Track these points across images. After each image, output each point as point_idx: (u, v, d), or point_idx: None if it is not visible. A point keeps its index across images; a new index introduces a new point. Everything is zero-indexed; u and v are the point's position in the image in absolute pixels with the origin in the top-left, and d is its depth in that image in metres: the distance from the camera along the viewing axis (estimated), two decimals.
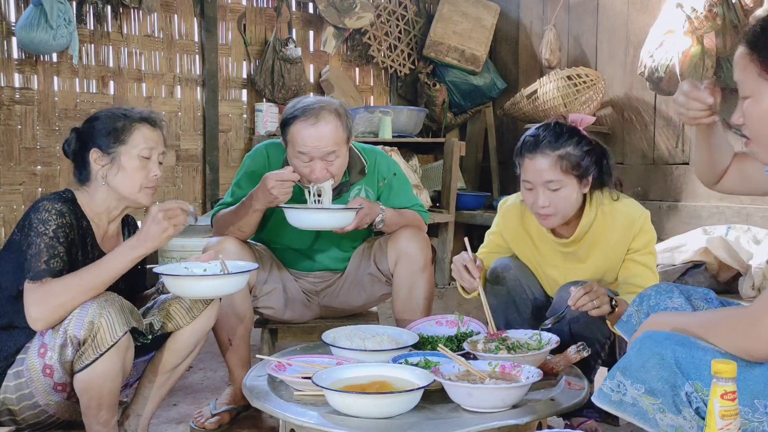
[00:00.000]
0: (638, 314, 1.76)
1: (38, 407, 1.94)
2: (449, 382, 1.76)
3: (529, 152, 2.18)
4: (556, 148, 2.15)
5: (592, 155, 2.20)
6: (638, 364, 1.45)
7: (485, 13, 5.31)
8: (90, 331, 1.84)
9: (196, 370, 3.06)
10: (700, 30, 3.71)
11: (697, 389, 1.38)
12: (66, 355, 1.87)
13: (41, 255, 1.89)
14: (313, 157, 2.40)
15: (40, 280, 1.87)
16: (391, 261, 2.54)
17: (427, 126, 5.33)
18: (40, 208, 1.94)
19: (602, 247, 2.26)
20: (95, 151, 2.05)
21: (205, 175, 4.70)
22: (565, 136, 2.18)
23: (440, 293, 4.46)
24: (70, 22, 3.88)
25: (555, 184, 2.15)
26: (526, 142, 2.21)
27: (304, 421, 1.69)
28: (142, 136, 2.07)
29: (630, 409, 1.46)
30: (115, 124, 2.06)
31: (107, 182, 2.05)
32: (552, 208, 2.17)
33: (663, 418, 1.42)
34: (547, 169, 2.14)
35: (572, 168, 2.15)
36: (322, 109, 2.42)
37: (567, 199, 2.17)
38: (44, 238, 1.90)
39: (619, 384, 1.47)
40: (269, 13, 4.97)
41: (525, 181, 2.21)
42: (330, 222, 2.39)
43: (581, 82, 4.46)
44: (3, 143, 4.04)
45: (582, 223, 2.24)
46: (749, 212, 3.92)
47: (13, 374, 1.92)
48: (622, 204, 2.27)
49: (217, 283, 2.07)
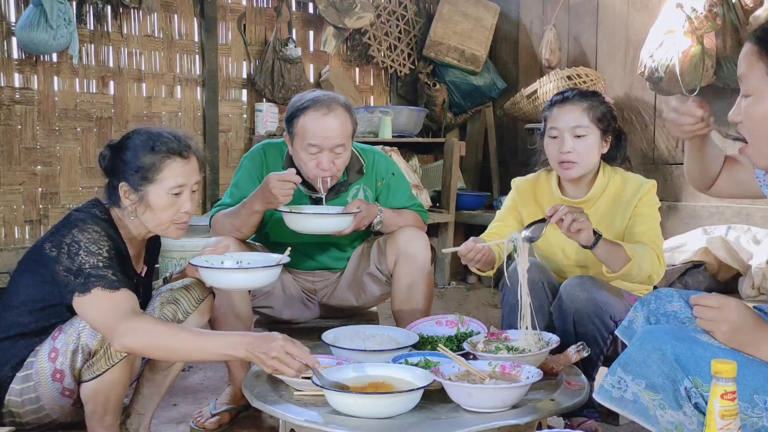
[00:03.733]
0: (639, 319, 1.76)
1: (43, 411, 1.93)
2: (449, 382, 1.76)
3: (559, 103, 2.35)
4: (586, 100, 2.33)
5: (614, 118, 2.38)
6: (639, 359, 1.44)
7: (485, 13, 5.31)
8: (102, 344, 1.85)
9: (196, 370, 3.06)
10: (700, 30, 3.71)
11: (696, 384, 1.38)
12: (76, 362, 1.87)
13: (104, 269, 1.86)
14: (322, 148, 2.41)
15: (117, 289, 1.85)
16: (391, 261, 2.54)
17: (427, 126, 5.33)
18: (86, 229, 1.90)
19: (614, 212, 2.34)
20: (124, 185, 1.98)
21: (205, 175, 4.68)
22: (592, 93, 2.39)
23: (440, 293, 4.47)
24: (70, 22, 3.88)
25: (581, 130, 2.30)
26: (556, 98, 2.38)
27: (304, 421, 1.69)
28: (171, 173, 1.98)
29: (630, 406, 1.45)
30: (143, 160, 1.96)
31: (137, 216, 2.01)
32: (575, 155, 2.29)
33: (663, 414, 1.41)
34: (576, 115, 2.31)
35: (598, 120, 2.32)
36: (332, 102, 2.44)
37: (589, 149, 2.31)
38: (100, 258, 1.87)
39: (620, 380, 1.46)
40: (269, 13, 4.97)
41: (552, 128, 2.34)
42: (328, 226, 2.40)
43: (581, 82, 4.46)
44: (3, 143, 4.04)
45: (596, 184, 2.37)
46: (749, 212, 3.92)
47: (21, 377, 1.91)
48: (631, 174, 2.42)
49: (261, 275, 2.10)
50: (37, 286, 1.93)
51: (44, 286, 1.92)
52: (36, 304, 1.93)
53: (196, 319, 2.12)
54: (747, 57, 1.48)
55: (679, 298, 1.71)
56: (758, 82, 1.45)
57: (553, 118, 2.34)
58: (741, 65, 1.50)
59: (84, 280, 1.84)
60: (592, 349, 2.11)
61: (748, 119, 1.49)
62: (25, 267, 1.98)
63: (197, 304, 2.11)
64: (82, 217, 1.95)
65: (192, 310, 2.10)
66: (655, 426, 1.44)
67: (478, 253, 2.24)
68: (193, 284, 2.14)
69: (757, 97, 1.46)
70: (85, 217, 1.95)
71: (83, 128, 4.30)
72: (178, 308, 2.08)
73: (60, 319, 1.92)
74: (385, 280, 2.60)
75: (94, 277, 1.85)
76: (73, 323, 1.89)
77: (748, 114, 1.48)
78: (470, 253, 2.24)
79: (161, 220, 2.00)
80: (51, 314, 1.93)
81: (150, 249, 2.21)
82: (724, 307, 1.43)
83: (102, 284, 1.84)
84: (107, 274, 1.86)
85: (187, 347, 1.83)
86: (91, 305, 1.84)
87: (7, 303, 1.97)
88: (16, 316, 1.94)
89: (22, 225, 4.14)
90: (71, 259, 1.86)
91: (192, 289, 2.12)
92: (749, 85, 1.48)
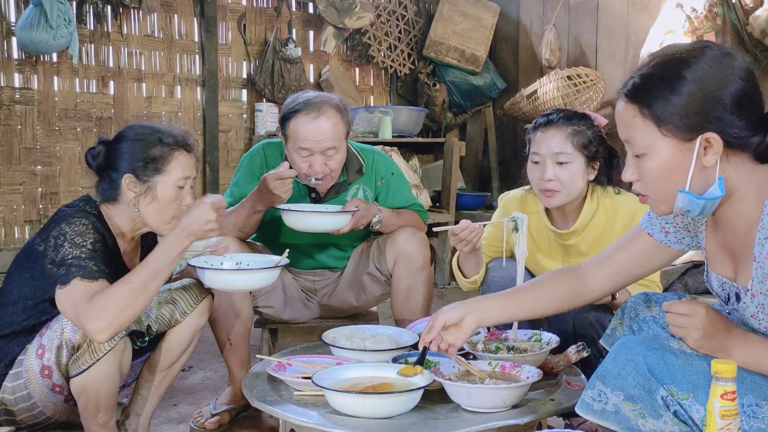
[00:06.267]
0: (621, 327, 1.76)
1: (36, 408, 1.93)
2: (449, 382, 1.76)
3: (542, 127, 2.23)
4: (571, 125, 2.20)
5: (602, 144, 2.24)
6: (615, 371, 1.44)
7: (485, 13, 5.31)
8: (86, 337, 1.84)
9: (196, 370, 3.06)
10: (700, 30, 3.71)
11: (672, 393, 1.38)
12: (61, 357, 1.86)
13: (86, 260, 1.84)
14: (314, 151, 2.41)
15: (95, 279, 1.83)
16: (390, 261, 2.54)
17: (427, 126, 5.33)
18: (73, 222, 1.89)
19: (604, 241, 2.25)
20: (129, 177, 1.96)
21: (205, 175, 4.69)
22: (579, 117, 2.24)
23: (440, 293, 4.47)
24: (70, 22, 3.88)
25: (564, 157, 2.18)
26: (540, 120, 2.26)
27: (304, 421, 1.69)
28: (179, 165, 1.99)
29: (613, 418, 1.45)
30: (151, 150, 1.97)
31: (139, 209, 1.99)
32: (557, 183, 2.18)
33: (645, 423, 1.42)
34: (559, 141, 2.19)
35: (583, 146, 2.19)
36: (323, 104, 2.43)
37: (573, 177, 2.19)
38: (83, 250, 1.86)
39: (600, 393, 1.46)
40: (269, 13, 4.97)
41: (534, 154, 2.23)
42: (326, 224, 2.40)
43: (581, 82, 4.46)
44: (3, 143, 4.04)
45: (583, 213, 2.25)
46: None
47: (12, 375, 1.91)
48: (623, 197, 2.28)
49: (260, 277, 2.11)
50: (28, 283, 1.93)
51: (34, 282, 1.92)
52: (28, 301, 1.93)
53: (195, 319, 2.12)
54: (627, 120, 1.43)
55: (656, 303, 1.72)
56: (647, 139, 1.40)
57: (535, 142, 2.23)
58: (623, 130, 1.45)
59: (65, 270, 1.83)
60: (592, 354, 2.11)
61: (648, 177, 1.44)
62: (18, 265, 1.98)
63: (195, 305, 2.11)
64: (71, 212, 1.95)
65: (190, 310, 2.10)
66: None
67: (473, 233, 2.22)
68: (192, 285, 2.14)
69: (651, 155, 1.41)
70: (73, 212, 1.95)
71: (83, 128, 4.30)
72: (176, 308, 2.08)
73: (50, 315, 1.92)
74: (385, 281, 2.60)
75: (75, 267, 1.83)
76: (59, 319, 1.88)
77: (646, 173, 1.43)
78: (464, 232, 2.21)
79: (165, 213, 2.00)
80: (42, 311, 1.93)
81: (146, 247, 2.20)
82: (694, 314, 1.42)
83: (81, 274, 1.82)
84: (89, 265, 1.84)
85: (143, 281, 1.83)
86: (68, 296, 1.82)
87: (2, 302, 1.98)
88: (9, 315, 1.95)
89: (22, 225, 4.14)
90: (56, 251, 1.86)
91: (190, 290, 2.12)
92: (638, 146, 1.42)
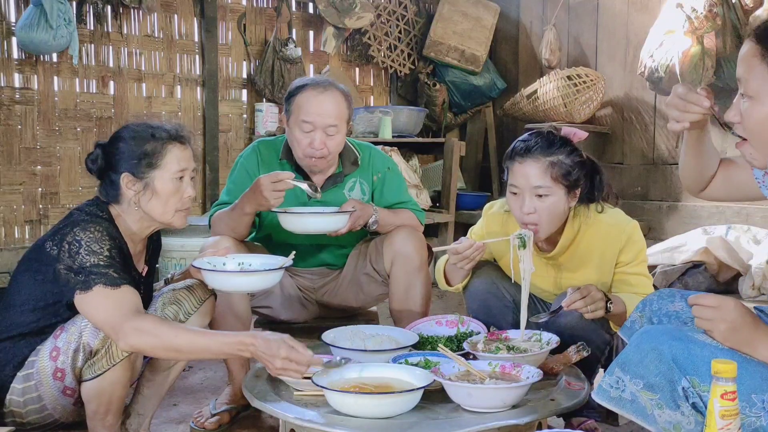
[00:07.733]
0: (641, 320, 1.76)
1: (45, 410, 1.93)
2: (449, 382, 1.76)
3: (519, 156, 2.14)
4: (548, 155, 2.11)
5: (583, 168, 2.16)
6: (637, 359, 1.44)
7: (485, 13, 5.31)
8: (104, 343, 1.85)
9: (196, 370, 3.06)
10: (700, 30, 3.71)
11: (694, 384, 1.38)
12: (77, 361, 1.87)
13: (105, 268, 1.86)
14: (316, 126, 2.44)
15: (118, 286, 1.85)
16: (387, 261, 2.54)
17: (427, 126, 5.33)
18: (88, 228, 1.90)
19: (592, 259, 2.23)
20: (126, 176, 1.98)
21: (205, 175, 4.69)
22: (558, 144, 2.14)
23: (440, 293, 4.46)
24: (70, 22, 3.87)
25: (543, 190, 2.10)
26: (517, 147, 2.16)
27: (304, 421, 1.69)
28: (174, 157, 2.01)
29: (629, 406, 1.46)
30: (144, 146, 1.99)
31: (140, 207, 2.01)
32: (537, 216, 2.12)
33: (661, 414, 1.42)
34: (537, 174, 2.10)
35: (562, 177, 2.11)
36: (330, 84, 2.52)
37: (553, 209, 2.12)
38: (101, 258, 1.87)
39: (618, 380, 1.47)
40: (269, 13, 4.97)
41: (512, 185, 2.16)
42: (323, 226, 2.41)
43: (581, 82, 4.46)
44: (3, 143, 4.04)
45: (564, 236, 2.21)
46: (749, 212, 3.92)
47: (22, 377, 1.90)
48: (607, 215, 2.22)
49: (264, 278, 2.10)
50: (37, 284, 1.93)
51: (45, 284, 1.92)
52: (37, 303, 1.93)
53: (198, 320, 2.12)
54: (747, 58, 1.43)
55: (681, 298, 1.71)
56: (759, 84, 1.41)
57: (513, 173, 2.15)
58: (740, 66, 1.45)
59: (85, 277, 1.85)
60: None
61: (747, 121, 1.44)
62: (26, 266, 1.98)
63: (199, 305, 2.11)
64: (84, 216, 1.95)
65: (194, 311, 2.10)
66: (653, 425, 1.44)
67: (476, 251, 2.23)
68: (196, 285, 2.14)
69: (757, 100, 1.42)
70: (87, 216, 1.96)
71: (83, 128, 4.30)
72: (180, 309, 2.08)
73: (60, 318, 1.92)
74: (382, 281, 2.60)
75: (95, 275, 1.85)
76: (75, 322, 1.89)
77: (747, 116, 1.44)
78: (468, 251, 2.22)
79: (167, 206, 2.02)
80: (51, 313, 1.93)
81: (151, 249, 2.21)
82: (722, 307, 1.43)
83: (103, 281, 1.84)
84: (109, 272, 1.86)
85: (192, 347, 1.84)
86: (94, 303, 1.84)
87: (8, 302, 1.97)
88: (17, 316, 1.94)
89: (22, 225, 4.13)
90: (72, 258, 1.86)
91: (194, 291, 2.12)
92: (749, 87, 1.43)
